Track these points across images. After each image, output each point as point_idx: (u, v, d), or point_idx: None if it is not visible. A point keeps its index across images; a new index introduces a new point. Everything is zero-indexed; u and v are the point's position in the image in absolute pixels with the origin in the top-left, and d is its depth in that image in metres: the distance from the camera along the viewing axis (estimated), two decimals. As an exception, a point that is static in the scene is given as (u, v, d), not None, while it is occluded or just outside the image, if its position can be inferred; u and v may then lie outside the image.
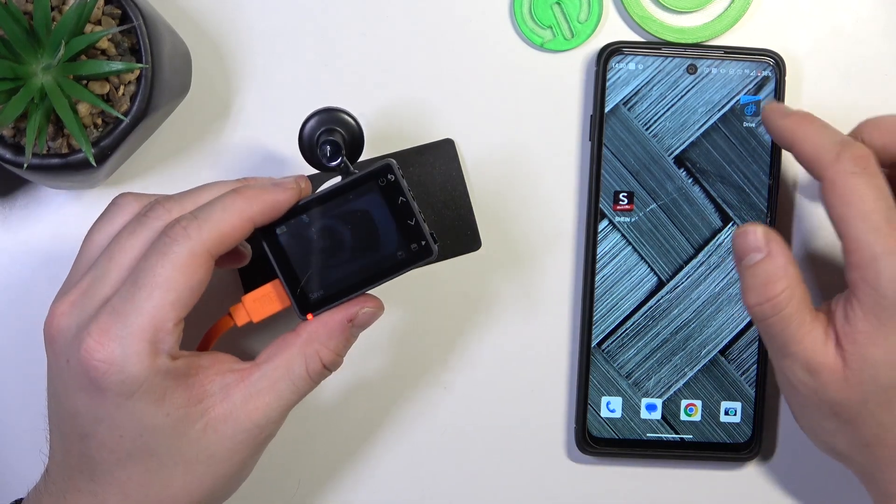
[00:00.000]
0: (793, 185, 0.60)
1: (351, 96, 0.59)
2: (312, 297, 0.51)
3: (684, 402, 0.59)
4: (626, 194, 0.59)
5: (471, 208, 0.60)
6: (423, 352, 0.61)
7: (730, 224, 0.59)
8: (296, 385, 0.50)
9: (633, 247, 0.59)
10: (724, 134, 0.58)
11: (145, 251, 0.49)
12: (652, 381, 0.59)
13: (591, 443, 0.59)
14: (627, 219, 0.59)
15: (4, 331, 0.60)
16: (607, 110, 0.58)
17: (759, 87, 0.58)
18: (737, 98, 0.58)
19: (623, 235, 0.59)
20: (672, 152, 0.59)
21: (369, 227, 0.51)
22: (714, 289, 0.59)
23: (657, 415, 0.59)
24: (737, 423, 0.59)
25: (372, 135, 0.59)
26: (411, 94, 0.60)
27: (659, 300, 0.59)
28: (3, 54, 0.52)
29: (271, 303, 0.52)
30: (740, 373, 0.59)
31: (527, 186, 0.60)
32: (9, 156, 0.53)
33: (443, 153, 0.59)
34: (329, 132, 0.53)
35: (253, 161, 0.60)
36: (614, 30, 0.60)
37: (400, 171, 0.51)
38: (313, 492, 0.61)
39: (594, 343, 0.59)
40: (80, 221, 0.57)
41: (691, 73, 0.58)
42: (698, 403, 0.59)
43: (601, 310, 0.59)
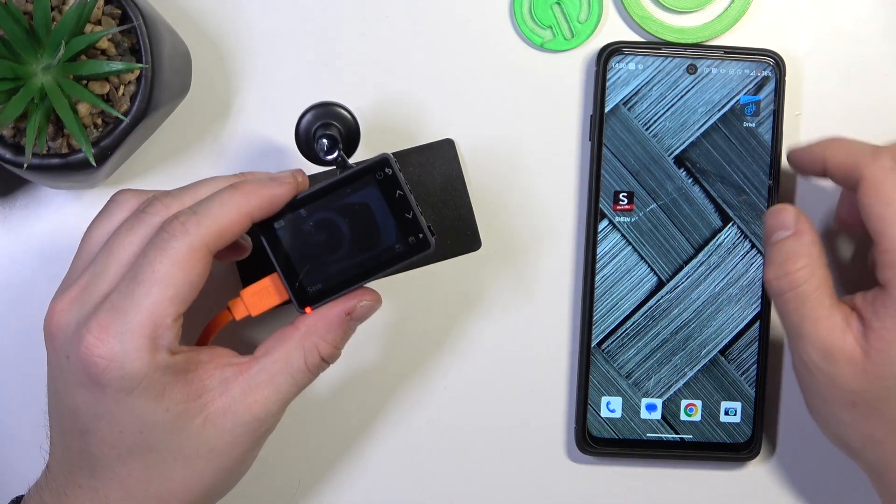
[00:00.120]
0: (793, 185, 0.60)
1: (351, 96, 0.59)
2: (310, 291, 0.51)
3: (684, 402, 0.59)
4: (626, 194, 0.59)
5: (471, 208, 0.60)
6: (423, 352, 0.60)
7: (730, 224, 0.59)
8: (294, 378, 0.51)
9: (633, 247, 0.59)
10: (724, 134, 0.58)
11: (144, 247, 0.49)
12: (652, 381, 0.59)
13: (591, 443, 0.59)
14: (627, 219, 0.59)
15: (4, 331, 0.60)
16: (607, 110, 0.58)
17: (759, 87, 0.58)
18: (737, 98, 0.58)
19: (623, 235, 0.59)
20: (672, 152, 0.59)
21: (367, 220, 0.51)
22: (714, 289, 0.59)
23: (657, 415, 0.59)
24: (737, 423, 0.59)
25: (372, 135, 0.59)
26: (411, 94, 0.60)
27: (659, 300, 0.59)
28: (3, 54, 0.52)
29: (269, 297, 0.52)
30: (740, 373, 0.59)
31: (527, 186, 0.60)
32: (9, 156, 0.53)
33: (443, 153, 0.59)
34: (325, 126, 0.53)
35: (253, 162, 0.60)
36: (614, 30, 0.60)
37: (397, 165, 0.51)
38: (314, 492, 0.61)
39: (594, 343, 0.59)
40: (80, 221, 0.57)
41: (691, 73, 0.58)
42: (698, 403, 0.59)
43: (601, 310, 0.59)
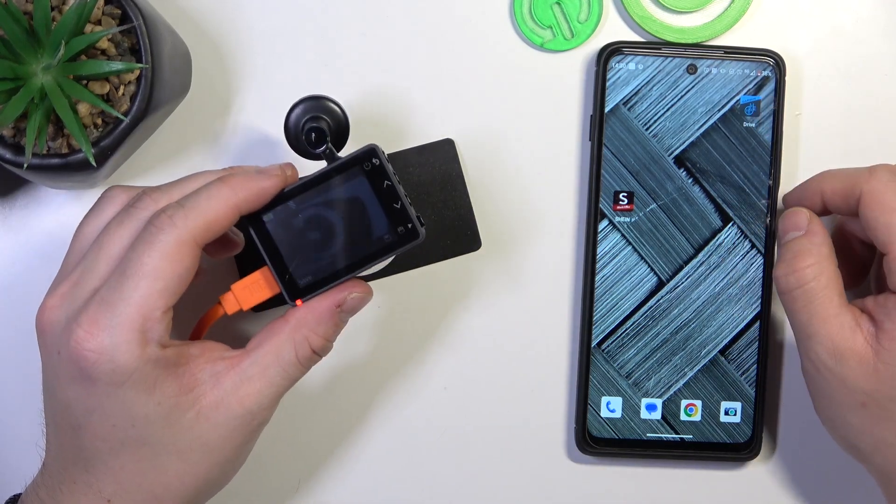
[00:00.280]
0: (793, 186, 0.60)
1: (351, 96, 0.59)
2: (301, 283, 0.51)
3: (684, 402, 0.59)
4: (626, 194, 0.59)
5: (470, 208, 0.60)
6: (423, 352, 0.60)
7: (730, 224, 0.59)
8: (286, 371, 0.51)
9: (633, 247, 0.59)
10: (724, 134, 0.58)
11: (133, 241, 0.49)
12: (652, 381, 0.59)
13: (591, 443, 0.59)
14: (627, 219, 0.59)
15: (4, 330, 0.60)
16: (607, 110, 0.58)
17: (759, 87, 0.58)
18: (737, 98, 0.58)
19: (623, 235, 0.59)
20: (672, 152, 0.59)
21: (356, 211, 0.51)
22: (714, 289, 0.59)
23: (657, 415, 0.59)
24: (737, 423, 0.59)
25: (372, 135, 0.59)
26: (411, 94, 0.60)
27: (659, 300, 0.59)
28: (3, 54, 0.52)
29: (260, 290, 0.52)
30: (740, 373, 0.59)
31: (527, 186, 0.60)
32: (9, 156, 0.53)
33: (443, 153, 0.59)
34: (314, 119, 0.53)
35: (253, 161, 0.60)
36: (614, 30, 0.60)
37: (385, 155, 0.51)
38: (314, 492, 0.61)
39: (594, 343, 0.59)
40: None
41: (691, 73, 0.58)
42: (698, 403, 0.59)
43: (601, 310, 0.59)
